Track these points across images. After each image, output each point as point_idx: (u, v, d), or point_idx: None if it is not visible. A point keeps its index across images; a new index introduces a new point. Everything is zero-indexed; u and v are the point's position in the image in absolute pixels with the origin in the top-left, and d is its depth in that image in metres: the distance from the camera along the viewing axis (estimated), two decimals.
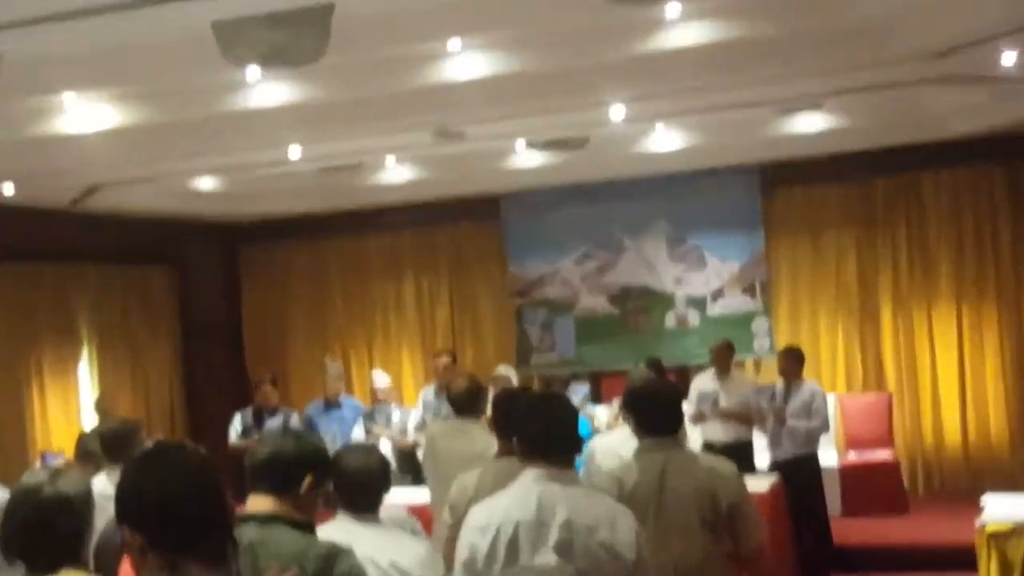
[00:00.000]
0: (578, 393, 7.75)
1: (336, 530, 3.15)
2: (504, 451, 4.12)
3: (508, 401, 4.22)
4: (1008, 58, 6.78)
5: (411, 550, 3.28)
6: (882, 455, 9.26)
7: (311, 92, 6.45)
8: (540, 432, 3.08)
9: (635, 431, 3.88)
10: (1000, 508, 5.84)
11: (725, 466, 3.76)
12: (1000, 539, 5.58)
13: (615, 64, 6.55)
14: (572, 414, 3.18)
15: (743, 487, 3.69)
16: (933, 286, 9.77)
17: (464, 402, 5.22)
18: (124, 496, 1.98)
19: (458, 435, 5.13)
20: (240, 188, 10.13)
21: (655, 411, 3.81)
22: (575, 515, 2.93)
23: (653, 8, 5.44)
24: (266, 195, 10.45)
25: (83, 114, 6.65)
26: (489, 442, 4.52)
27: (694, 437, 7.60)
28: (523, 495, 2.99)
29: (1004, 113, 8.56)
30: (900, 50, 6.48)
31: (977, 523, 5.69)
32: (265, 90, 6.51)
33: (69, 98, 6.45)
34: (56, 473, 2.78)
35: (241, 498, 2.73)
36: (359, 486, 3.34)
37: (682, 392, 4.06)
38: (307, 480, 2.70)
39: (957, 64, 6.86)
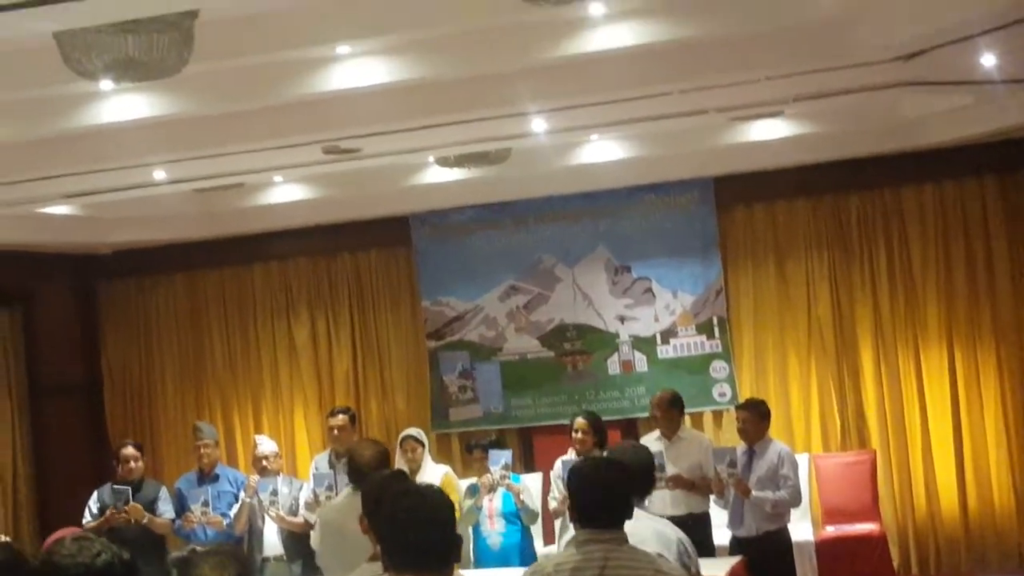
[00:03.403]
0: (497, 461, 7.85)
1: None
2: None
3: (379, 495, 4.07)
4: (987, 60, 7.18)
5: None
6: (866, 528, 9.44)
7: (174, 105, 6.68)
8: (410, 542, 3.11)
9: (573, 519, 4.00)
10: None
11: (676, 570, 3.94)
12: None
13: (533, 70, 6.86)
14: (447, 515, 3.21)
15: None
16: (919, 320, 10.09)
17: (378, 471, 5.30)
18: None
19: None
20: (98, 213, 10.23)
21: (599, 499, 3.90)
22: None
23: (572, 6, 5.68)
24: (130, 221, 10.59)
25: None
26: None
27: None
28: None
29: (992, 119, 8.98)
30: (863, 52, 6.84)
31: None
32: (121, 103, 6.71)
33: None
34: None
35: None
36: None
37: (627, 472, 4.14)
38: None
39: (930, 67, 7.24)
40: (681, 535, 4.61)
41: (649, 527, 4.58)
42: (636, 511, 4.64)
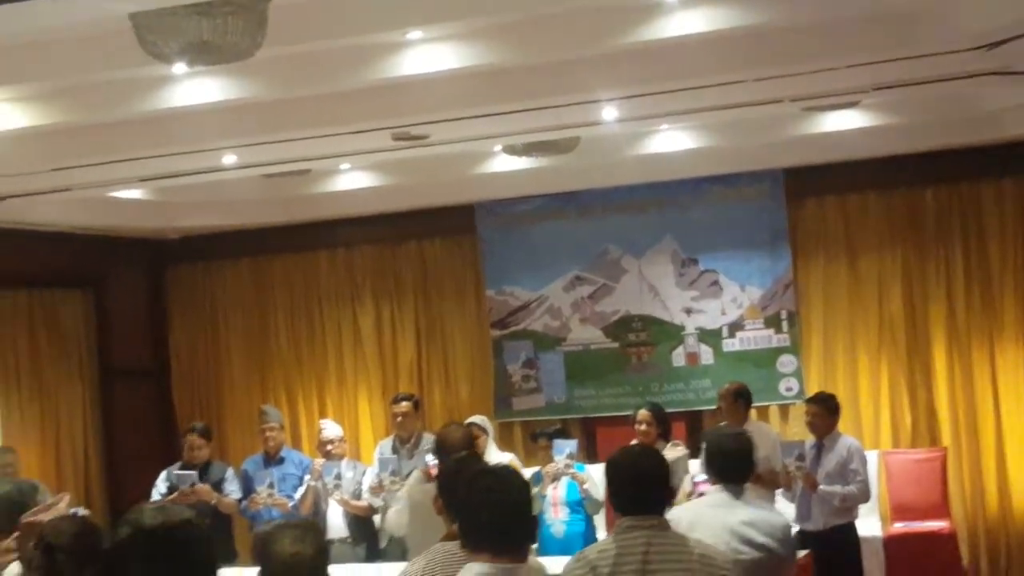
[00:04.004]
0: (561, 451, 7.83)
1: None
2: (454, 533, 4.04)
3: (455, 476, 4.16)
4: None
5: None
6: (935, 525, 9.36)
7: (246, 89, 6.68)
8: (485, 522, 3.15)
9: (613, 507, 4.04)
10: None
11: (719, 555, 3.92)
12: None
13: (604, 57, 6.79)
14: (523, 495, 3.25)
15: None
16: (996, 319, 9.89)
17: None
18: None
19: None
20: (168, 198, 10.33)
21: (636, 487, 3.94)
22: None
23: None
24: (198, 206, 10.68)
25: None
26: None
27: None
28: None
29: None
30: (945, 40, 6.71)
31: None
32: (193, 87, 6.73)
33: None
34: None
35: None
36: None
37: (665, 463, 4.15)
38: None
39: (1013, 56, 7.08)
40: (787, 520, 4.81)
41: (746, 515, 4.69)
42: (732, 501, 4.71)
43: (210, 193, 10.24)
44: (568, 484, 7.84)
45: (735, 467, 4.86)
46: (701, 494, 6.80)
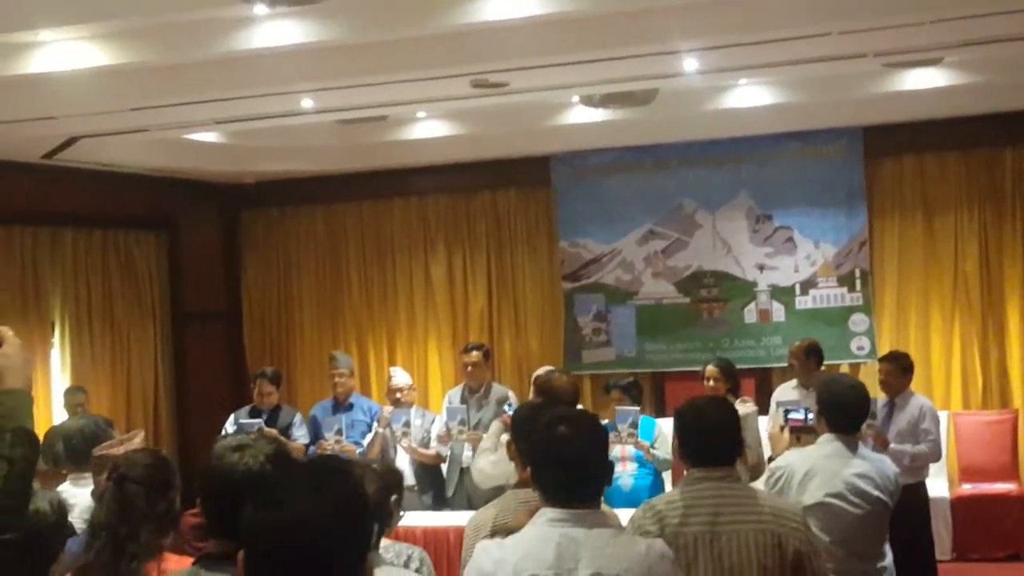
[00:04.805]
0: (624, 419, 7.63)
1: None
2: (526, 479, 3.91)
3: (530, 421, 3.95)
4: None
5: None
6: (1004, 487, 9.26)
7: (327, 32, 6.59)
8: (561, 466, 3.05)
9: (682, 459, 3.97)
10: None
11: (790, 507, 3.84)
12: None
13: (688, 6, 6.63)
14: (599, 440, 3.16)
15: (812, 533, 3.77)
16: None
17: (572, 401, 5.37)
18: None
19: None
20: (243, 142, 10.31)
21: (704, 437, 3.85)
22: (602, 565, 2.94)
23: None
24: (274, 152, 10.65)
25: (61, 53, 6.83)
26: None
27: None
28: (539, 542, 2.99)
29: None
30: None
31: None
32: (273, 28, 6.66)
33: (45, 35, 6.63)
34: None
35: None
36: None
37: (734, 413, 4.05)
38: None
39: None
40: (897, 470, 4.89)
41: (861, 468, 4.72)
42: (845, 452, 4.74)
43: (286, 139, 10.23)
44: (637, 453, 7.73)
45: (851, 418, 4.88)
46: (792, 429, 6.76)
